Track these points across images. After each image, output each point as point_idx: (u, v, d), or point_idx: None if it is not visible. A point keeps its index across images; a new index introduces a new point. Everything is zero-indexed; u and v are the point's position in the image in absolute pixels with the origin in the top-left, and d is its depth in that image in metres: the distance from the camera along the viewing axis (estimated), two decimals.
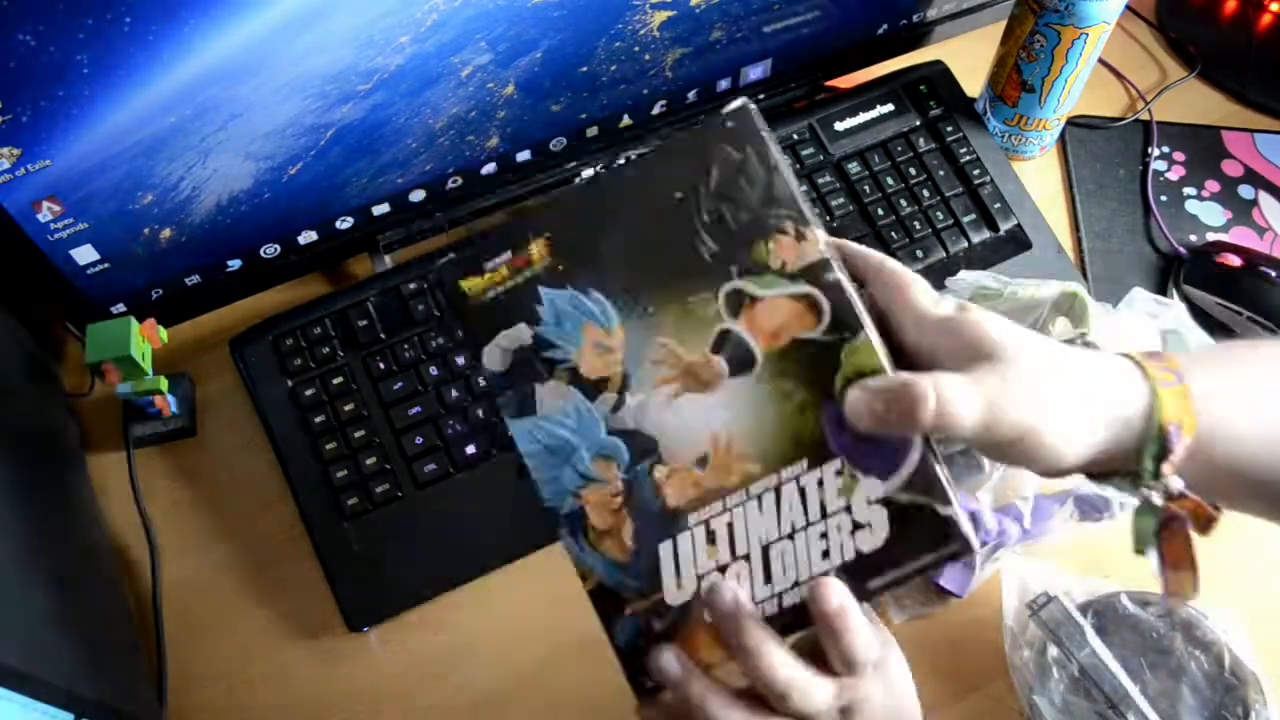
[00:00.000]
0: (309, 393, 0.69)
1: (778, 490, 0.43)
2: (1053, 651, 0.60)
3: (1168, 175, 0.82)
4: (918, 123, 0.79)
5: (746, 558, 0.43)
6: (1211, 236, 0.79)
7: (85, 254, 0.62)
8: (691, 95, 0.76)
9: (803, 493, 0.42)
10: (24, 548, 0.55)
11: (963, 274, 0.65)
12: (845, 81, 0.82)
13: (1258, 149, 0.83)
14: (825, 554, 0.42)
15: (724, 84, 0.76)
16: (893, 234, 0.75)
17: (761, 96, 0.79)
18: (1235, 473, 0.47)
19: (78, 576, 0.60)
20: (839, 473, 0.42)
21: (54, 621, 0.53)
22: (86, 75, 0.52)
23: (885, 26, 0.80)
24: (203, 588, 0.66)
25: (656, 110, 0.76)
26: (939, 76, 0.81)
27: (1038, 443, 0.42)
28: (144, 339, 0.66)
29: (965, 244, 0.76)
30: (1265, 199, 0.81)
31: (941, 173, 0.78)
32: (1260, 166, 0.82)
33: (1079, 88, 0.75)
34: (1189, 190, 0.81)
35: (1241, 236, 0.79)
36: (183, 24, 0.52)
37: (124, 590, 0.65)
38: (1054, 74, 0.73)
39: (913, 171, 0.78)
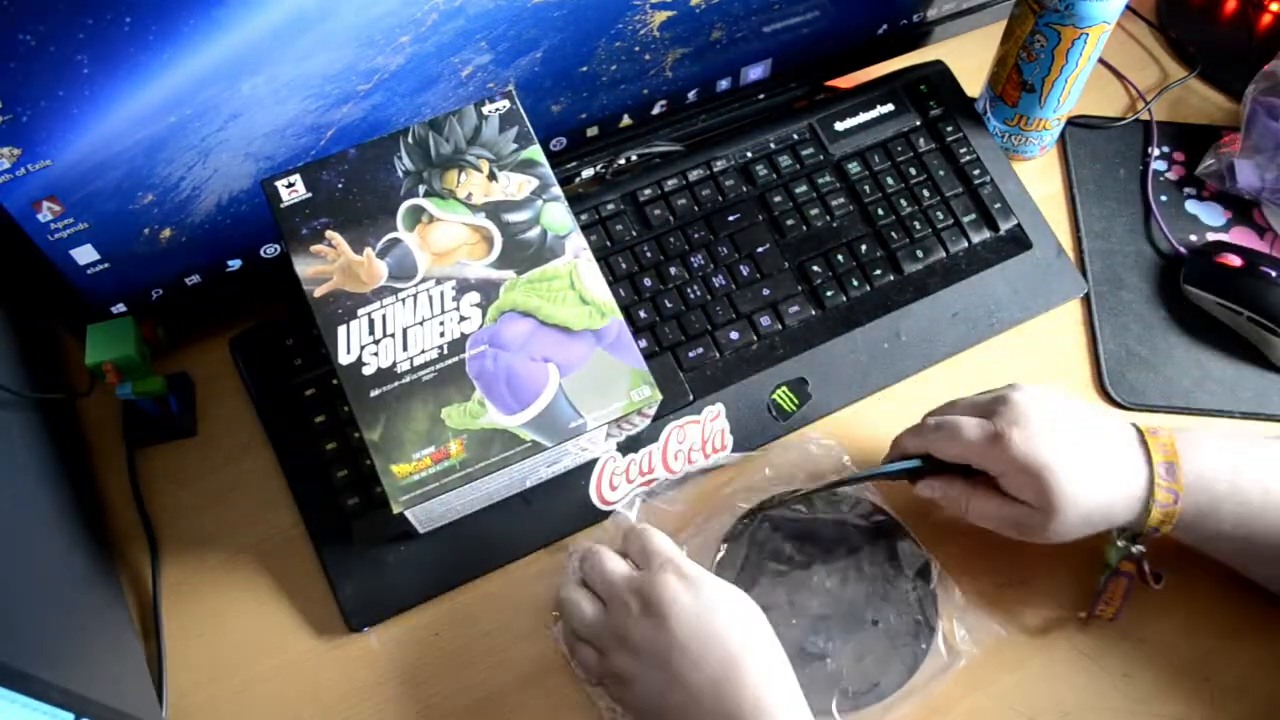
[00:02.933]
0: (309, 393, 0.69)
1: None
2: None
3: (1168, 175, 0.82)
4: (918, 123, 0.79)
5: None
6: (1211, 236, 0.79)
7: (85, 254, 0.62)
8: (691, 95, 0.76)
9: None
10: (24, 548, 0.55)
11: None
12: (845, 81, 0.82)
13: None
14: None
15: (724, 84, 0.76)
16: (893, 234, 0.75)
17: (761, 96, 0.79)
18: (1213, 550, 0.60)
19: (78, 576, 0.60)
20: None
21: (54, 621, 0.53)
22: (86, 75, 0.52)
23: (885, 26, 0.80)
24: (203, 588, 0.66)
25: (656, 110, 0.76)
26: (939, 76, 0.81)
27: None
28: (144, 339, 0.66)
29: (965, 244, 0.76)
30: (1265, 199, 0.81)
31: (941, 173, 0.78)
32: None
33: (1079, 88, 0.75)
34: (1189, 190, 0.81)
35: (1241, 236, 0.79)
36: (183, 24, 0.52)
37: (124, 590, 0.65)
38: (1054, 74, 0.73)
39: (913, 171, 0.77)
